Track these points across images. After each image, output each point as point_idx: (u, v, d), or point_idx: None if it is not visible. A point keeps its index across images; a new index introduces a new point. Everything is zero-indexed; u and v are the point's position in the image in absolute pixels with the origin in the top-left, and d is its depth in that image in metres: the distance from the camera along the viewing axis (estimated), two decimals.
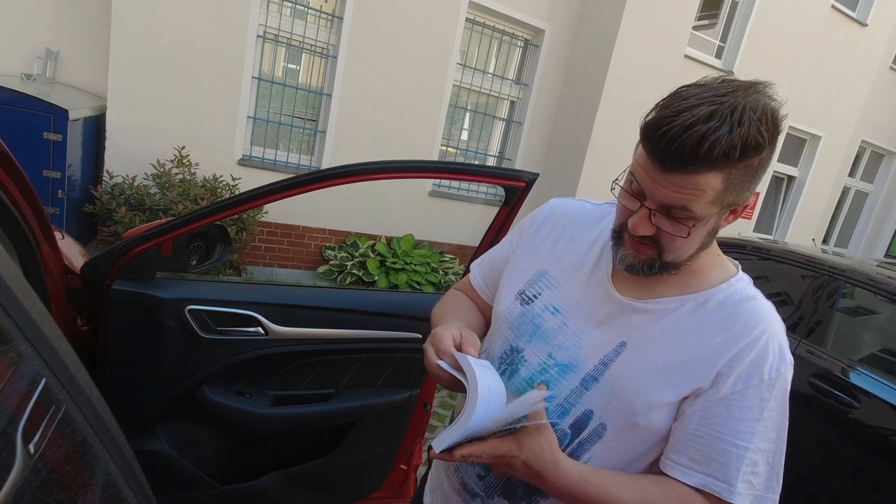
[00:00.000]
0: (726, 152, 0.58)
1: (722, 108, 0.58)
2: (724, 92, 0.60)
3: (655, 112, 0.63)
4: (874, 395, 2.10)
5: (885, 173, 8.80)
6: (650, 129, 0.62)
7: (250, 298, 1.45)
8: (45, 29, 3.90)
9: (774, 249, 2.94)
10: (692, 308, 0.73)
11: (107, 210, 3.67)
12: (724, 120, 0.58)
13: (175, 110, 4.05)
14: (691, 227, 0.65)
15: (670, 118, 0.59)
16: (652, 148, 0.62)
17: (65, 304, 1.30)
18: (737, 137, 0.58)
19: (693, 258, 0.72)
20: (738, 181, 0.62)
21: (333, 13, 4.51)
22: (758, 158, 0.61)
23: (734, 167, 0.60)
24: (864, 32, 6.71)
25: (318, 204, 4.72)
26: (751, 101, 0.59)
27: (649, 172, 0.64)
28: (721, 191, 0.62)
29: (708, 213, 0.64)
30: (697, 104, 0.59)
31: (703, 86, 0.62)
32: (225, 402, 1.43)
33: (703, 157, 0.59)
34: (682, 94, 0.61)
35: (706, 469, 0.69)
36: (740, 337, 0.69)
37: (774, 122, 0.61)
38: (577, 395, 0.75)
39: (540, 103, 5.52)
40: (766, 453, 0.69)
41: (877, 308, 2.50)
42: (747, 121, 0.58)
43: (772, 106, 0.61)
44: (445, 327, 0.77)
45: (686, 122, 0.58)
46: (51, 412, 0.46)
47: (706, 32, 5.91)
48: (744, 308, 0.71)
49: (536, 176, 1.41)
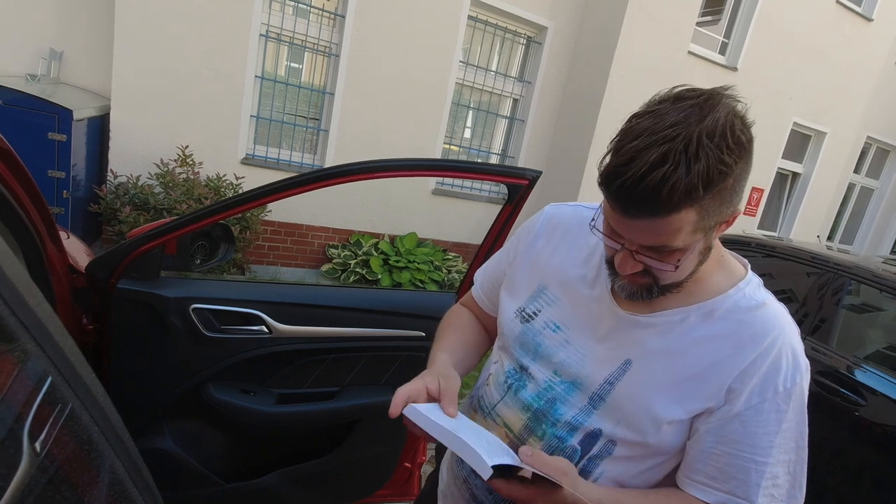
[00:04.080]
0: (688, 192, 0.55)
1: (674, 145, 0.54)
2: (675, 121, 0.55)
3: (609, 156, 0.59)
4: (880, 393, 2.09)
5: (891, 169, 8.74)
6: (607, 180, 0.59)
7: (254, 297, 1.45)
8: (49, 29, 3.92)
9: (779, 246, 2.93)
10: (698, 319, 0.70)
11: (111, 209, 3.69)
12: (679, 160, 0.54)
13: (178, 110, 4.06)
14: (679, 259, 0.63)
15: (623, 168, 0.56)
16: (613, 200, 0.60)
17: (70, 302, 1.31)
18: (695, 176, 0.54)
19: (693, 274, 0.68)
20: (715, 206, 0.58)
21: (336, 11, 4.50)
22: (729, 180, 0.57)
23: (703, 199, 0.56)
24: (869, 27, 6.66)
25: (321, 202, 4.72)
26: (707, 126, 0.55)
27: (619, 220, 0.62)
28: (698, 221, 0.58)
29: (692, 241, 0.61)
30: (648, 145, 0.55)
31: (654, 114, 0.57)
32: (230, 399, 1.43)
33: (663, 203, 0.55)
34: (633, 131, 0.57)
35: (726, 486, 0.68)
36: (751, 348, 0.66)
37: (738, 140, 0.56)
38: (586, 413, 0.74)
39: (543, 100, 5.50)
40: (787, 464, 0.67)
41: (882, 305, 2.49)
42: (704, 154, 0.54)
43: (731, 120, 0.56)
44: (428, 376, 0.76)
45: (639, 171, 0.55)
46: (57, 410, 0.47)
47: (710, 28, 5.88)
48: (753, 316, 0.68)
49: (539, 174, 1.41)
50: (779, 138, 6.67)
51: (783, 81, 6.24)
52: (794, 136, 6.88)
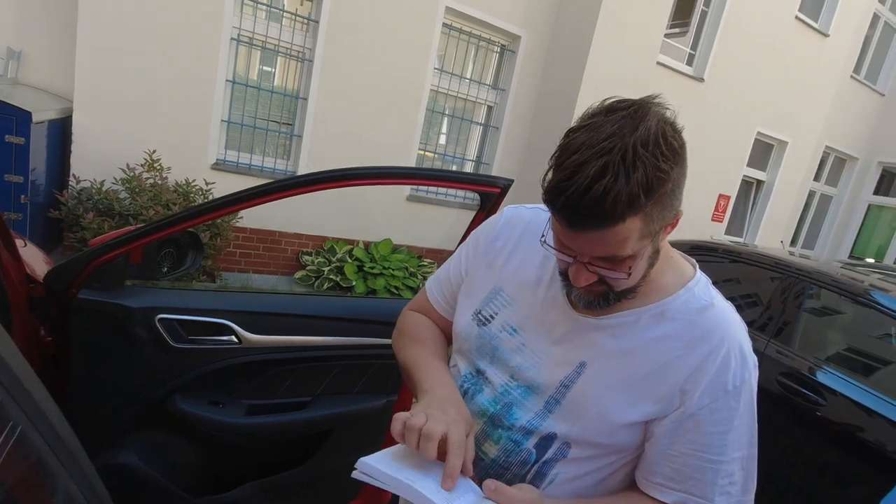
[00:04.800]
0: (630, 201, 0.56)
1: (612, 156, 0.56)
2: (610, 133, 0.57)
3: (552, 172, 0.61)
4: (839, 393, 2.17)
5: (847, 177, 9.13)
6: (551, 196, 0.60)
7: (223, 306, 1.42)
8: (6, 28, 3.77)
9: (744, 252, 3.03)
10: (650, 321, 0.72)
11: (73, 215, 3.56)
12: (618, 171, 0.55)
13: (146, 113, 3.96)
14: (630, 266, 0.64)
15: (566, 183, 0.57)
16: (559, 215, 0.61)
17: (26, 313, 1.25)
18: (635, 185, 0.56)
19: (645, 277, 0.70)
20: (658, 211, 0.60)
21: (309, 16, 4.47)
22: (668, 185, 0.59)
23: (646, 206, 0.58)
24: (826, 42, 6.97)
25: (294, 208, 4.65)
26: (640, 136, 0.56)
27: (567, 234, 0.63)
28: (643, 227, 0.60)
29: (640, 247, 0.63)
30: (587, 159, 0.56)
31: (589, 128, 0.59)
32: (197, 412, 1.39)
33: (608, 214, 0.57)
34: (571, 145, 0.59)
35: (683, 486, 0.69)
36: (700, 349, 0.68)
37: (671, 146, 0.58)
38: (541, 417, 0.75)
39: (517, 108, 5.57)
40: (741, 460, 0.69)
41: (841, 308, 2.59)
42: (640, 163, 0.56)
43: (662, 128, 0.58)
44: (456, 426, 0.66)
45: (581, 185, 0.56)
46: (5, 432, 0.44)
47: (678, 40, 6.06)
48: (701, 318, 0.70)
49: (511, 182, 1.42)
50: (744, 147, 6.91)
51: (748, 92, 6.46)
52: (758, 144, 7.14)
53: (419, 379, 0.81)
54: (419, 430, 0.63)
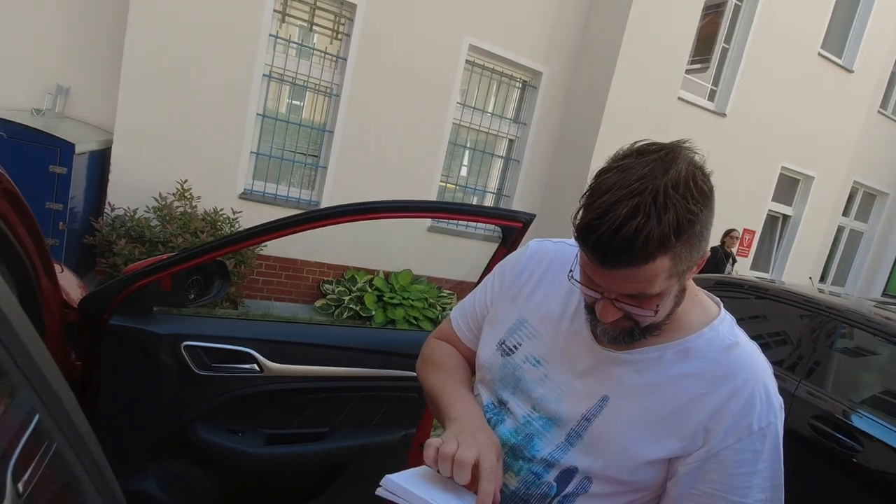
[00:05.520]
0: (661, 241, 0.58)
1: (643, 198, 0.57)
2: (642, 175, 0.59)
3: (582, 211, 0.62)
4: (876, 439, 2.07)
5: (878, 213, 8.91)
6: (582, 235, 0.62)
7: (246, 335, 1.44)
8: (56, 65, 4.03)
9: (772, 289, 2.95)
10: (674, 357, 0.72)
11: (107, 242, 3.69)
12: (649, 212, 0.57)
13: (180, 145, 4.13)
14: (657, 304, 0.65)
15: (598, 221, 0.59)
16: (590, 252, 0.62)
17: (60, 338, 1.30)
18: (666, 226, 0.57)
19: (672, 315, 0.70)
20: (686, 252, 0.61)
21: (338, 54, 4.66)
22: (697, 227, 0.60)
23: (676, 247, 0.59)
24: (850, 78, 6.93)
25: (316, 238, 4.70)
26: (671, 178, 0.58)
27: (597, 271, 0.64)
28: (672, 266, 0.61)
29: (668, 286, 0.64)
30: (619, 199, 0.58)
31: (620, 169, 0.61)
32: (217, 440, 1.40)
33: (639, 254, 0.58)
34: (602, 185, 0.61)
35: None
36: (724, 388, 0.68)
37: (700, 189, 0.60)
38: (563, 450, 0.74)
39: (538, 142, 5.64)
40: (765, 503, 0.68)
41: (876, 349, 2.49)
42: (672, 205, 0.57)
43: (693, 171, 0.60)
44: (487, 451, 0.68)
45: (613, 224, 0.57)
46: (42, 449, 0.46)
47: (699, 76, 6.10)
48: (726, 357, 0.70)
49: (533, 217, 1.43)
50: (768, 181, 6.83)
51: (771, 127, 6.43)
52: (783, 179, 7.05)
53: (447, 406, 0.81)
54: (452, 456, 0.65)
